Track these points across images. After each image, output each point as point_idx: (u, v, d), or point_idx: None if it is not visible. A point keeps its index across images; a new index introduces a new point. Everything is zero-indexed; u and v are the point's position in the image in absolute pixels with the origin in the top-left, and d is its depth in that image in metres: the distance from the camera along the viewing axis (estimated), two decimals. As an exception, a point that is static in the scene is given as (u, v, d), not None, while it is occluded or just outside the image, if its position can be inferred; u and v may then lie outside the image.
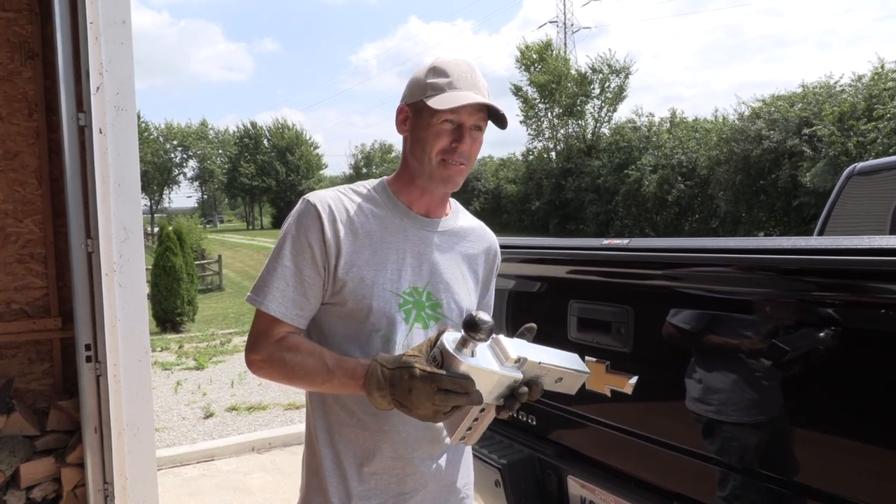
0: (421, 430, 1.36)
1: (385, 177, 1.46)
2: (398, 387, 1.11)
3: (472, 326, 1.08)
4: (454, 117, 1.32)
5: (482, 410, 1.17)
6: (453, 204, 1.51)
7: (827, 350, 1.37)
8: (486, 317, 1.09)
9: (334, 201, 1.35)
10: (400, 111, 1.40)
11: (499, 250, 1.56)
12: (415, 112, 1.36)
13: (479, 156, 1.46)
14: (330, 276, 1.31)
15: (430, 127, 1.33)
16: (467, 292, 1.44)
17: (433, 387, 1.08)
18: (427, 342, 1.16)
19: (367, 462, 1.34)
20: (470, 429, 1.19)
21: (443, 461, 1.42)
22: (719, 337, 1.52)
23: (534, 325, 1.30)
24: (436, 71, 1.34)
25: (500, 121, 1.36)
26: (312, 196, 1.36)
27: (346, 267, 1.31)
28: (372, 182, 1.45)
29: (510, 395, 1.15)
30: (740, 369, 1.51)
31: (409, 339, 1.33)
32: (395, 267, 1.34)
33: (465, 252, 1.46)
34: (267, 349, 1.30)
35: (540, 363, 1.19)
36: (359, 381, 1.19)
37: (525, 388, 1.15)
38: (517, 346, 1.18)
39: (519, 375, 1.15)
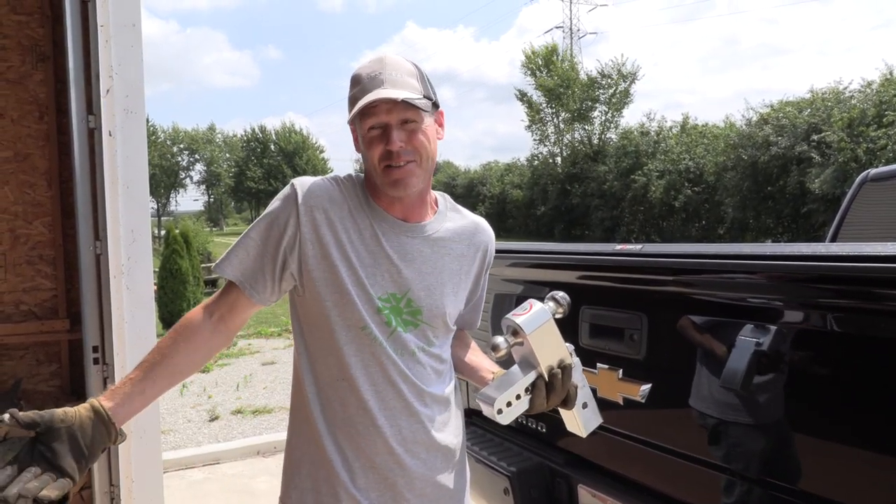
0: (419, 427, 1.34)
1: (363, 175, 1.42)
2: None
3: (557, 299, 1.27)
4: (376, 121, 1.28)
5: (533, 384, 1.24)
6: (441, 202, 1.45)
7: (846, 358, 1.35)
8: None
9: (320, 190, 1.32)
10: (352, 130, 1.38)
11: (492, 246, 1.52)
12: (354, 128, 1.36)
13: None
14: (302, 265, 1.29)
15: (363, 139, 1.32)
16: (454, 297, 1.40)
17: None
18: None
19: (365, 454, 1.31)
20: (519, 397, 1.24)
21: (437, 462, 1.37)
22: (734, 344, 1.50)
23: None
24: (353, 82, 1.33)
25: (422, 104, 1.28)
26: (299, 181, 1.34)
27: (319, 259, 1.28)
28: (360, 178, 1.40)
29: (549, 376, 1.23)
30: (756, 378, 1.48)
31: (392, 339, 1.31)
32: (370, 272, 1.31)
33: (453, 254, 1.41)
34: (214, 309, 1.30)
35: (582, 370, 1.30)
36: None
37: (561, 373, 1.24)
38: None
39: (572, 359, 1.27)
